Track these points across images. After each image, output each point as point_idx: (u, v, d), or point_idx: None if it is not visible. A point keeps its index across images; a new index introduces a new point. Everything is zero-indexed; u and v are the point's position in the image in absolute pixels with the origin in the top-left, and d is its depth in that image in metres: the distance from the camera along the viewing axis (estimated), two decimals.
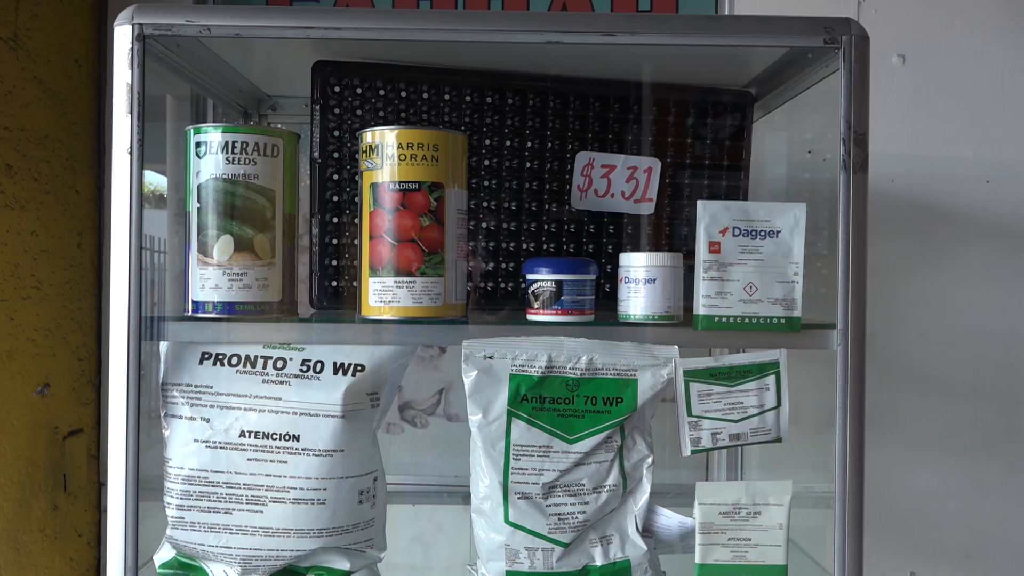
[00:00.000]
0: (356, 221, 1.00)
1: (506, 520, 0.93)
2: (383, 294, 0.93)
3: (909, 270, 1.47)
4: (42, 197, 1.38)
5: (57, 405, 1.39)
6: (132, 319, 0.89)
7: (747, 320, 0.94)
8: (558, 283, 0.95)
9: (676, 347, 0.95)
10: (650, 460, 0.96)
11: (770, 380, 0.94)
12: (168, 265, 1.31)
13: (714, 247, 0.94)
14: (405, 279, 0.92)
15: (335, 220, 1.11)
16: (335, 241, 1.11)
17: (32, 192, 1.35)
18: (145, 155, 0.90)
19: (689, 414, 0.94)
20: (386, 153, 0.92)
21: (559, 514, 0.93)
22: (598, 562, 0.95)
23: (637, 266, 0.95)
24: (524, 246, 1.16)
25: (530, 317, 0.97)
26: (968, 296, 1.46)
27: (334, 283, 1.11)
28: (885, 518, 1.46)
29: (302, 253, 1.01)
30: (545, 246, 1.16)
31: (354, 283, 1.09)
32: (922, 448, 1.46)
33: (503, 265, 1.16)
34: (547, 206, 1.17)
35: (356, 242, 1.00)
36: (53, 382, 1.39)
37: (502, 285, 1.15)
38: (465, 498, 1.03)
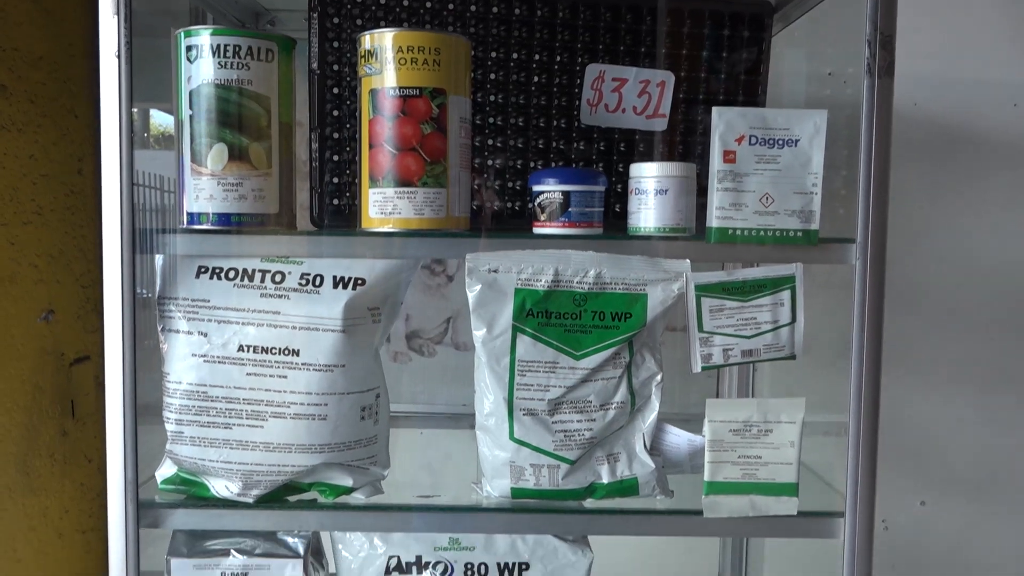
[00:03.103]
0: (357, 136, 0.96)
1: (511, 437, 0.91)
2: (383, 205, 0.89)
3: (929, 197, 1.42)
4: (40, 120, 1.34)
5: (62, 332, 1.38)
6: (125, 229, 0.87)
7: (762, 233, 0.90)
8: (565, 194, 0.91)
9: (687, 261, 0.91)
10: (659, 377, 0.94)
11: (785, 295, 0.91)
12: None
13: (729, 156, 0.89)
14: (406, 190, 0.89)
15: (335, 135, 1.07)
16: (336, 157, 1.08)
17: (29, 115, 1.32)
18: (152, 95, 0.87)
19: (700, 330, 0.91)
20: (385, 57, 0.88)
21: (565, 431, 0.91)
22: (605, 480, 0.93)
23: (648, 176, 0.91)
24: (531, 164, 1.12)
25: (536, 230, 0.93)
26: (990, 224, 1.41)
27: (335, 201, 1.08)
28: (895, 449, 1.43)
29: (302, 181, 0.98)
30: (553, 164, 1.12)
31: (356, 201, 1.06)
32: (936, 379, 1.43)
33: (509, 184, 1.12)
34: (555, 122, 1.12)
35: (357, 157, 0.97)
36: (57, 309, 1.38)
37: (508, 205, 1.12)
38: (474, 425, 1.01)
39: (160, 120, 1.48)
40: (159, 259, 0.92)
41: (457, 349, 1.48)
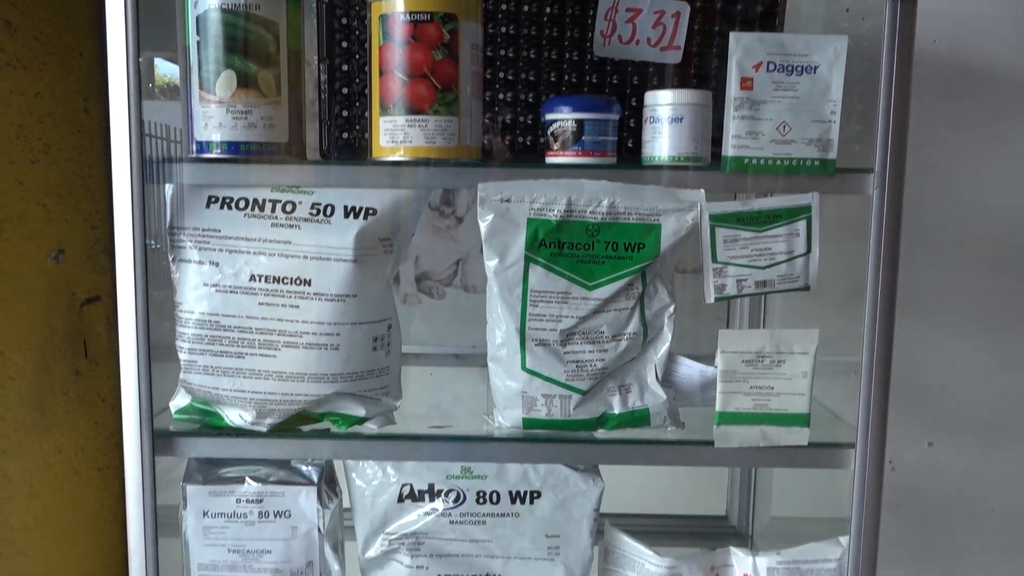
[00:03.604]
0: (367, 67, 0.95)
1: (523, 367, 0.91)
2: (394, 134, 0.88)
3: (946, 136, 1.39)
4: (45, 58, 1.33)
5: (73, 272, 1.38)
6: (134, 157, 0.86)
7: (779, 162, 0.88)
8: (579, 122, 0.90)
9: (702, 191, 0.90)
10: (672, 309, 0.93)
11: (800, 225, 0.90)
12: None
13: (746, 83, 0.87)
14: (417, 117, 0.87)
15: (344, 67, 1.05)
16: (345, 90, 1.06)
17: (34, 52, 1.30)
18: (157, 45, 0.85)
19: (714, 260, 0.90)
20: None
21: (577, 361, 0.91)
22: (616, 410, 0.94)
23: (663, 104, 0.90)
24: (543, 97, 1.10)
25: (549, 159, 0.92)
26: (1007, 165, 1.39)
27: (345, 134, 1.06)
28: (903, 389, 1.42)
29: (311, 121, 0.97)
30: None
31: (366, 135, 1.05)
32: (948, 320, 1.42)
33: (521, 118, 1.10)
34: (568, 55, 1.10)
35: (367, 90, 0.95)
36: (67, 249, 1.38)
37: (520, 139, 1.10)
38: (483, 369, 1.02)
39: (165, 71, 1.45)
40: (168, 189, 0.92)
41: (466, 291, 1.48)
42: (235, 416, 0.93)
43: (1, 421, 1.20)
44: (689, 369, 0.94)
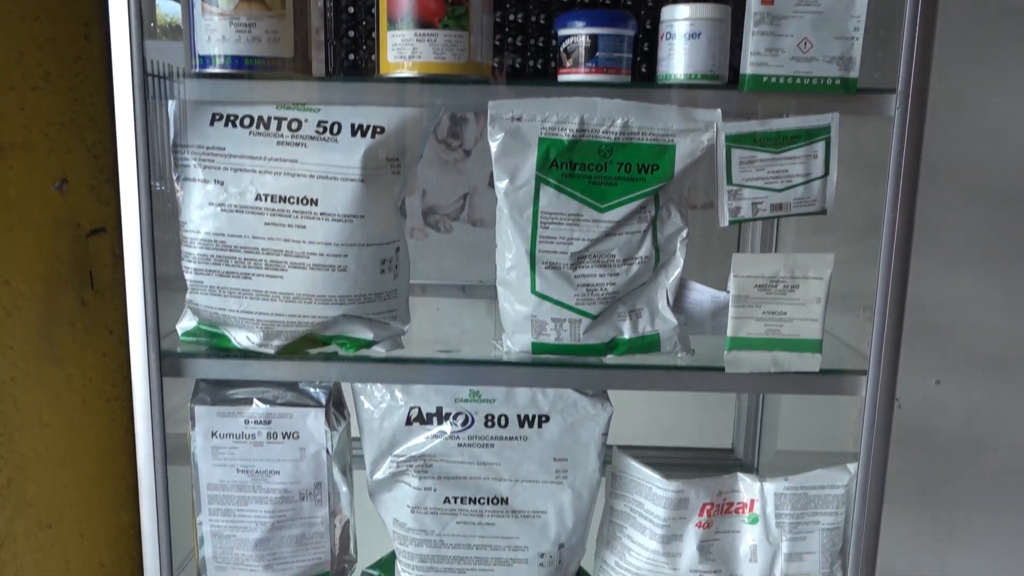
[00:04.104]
0: None
1: (533, 291, 0.90)
2: (402, 49, 0.86)
3: (968, 69, 1.35)
4: None
5: (77, 202, 1.36)
6: (136, 71, 0.84)
7: (799, 80, 0.86)
8: (593, 37, 0.87)
9: (719, 110, 0.87)
10: (684, 233, 0.92)
11: (819, 147, 0.87)
12: None
13: None
14: (426, 31, 0.85)
15: None
16: (351, 8, 1.03)
17: None
18: None
19: (729, 182, 0.88)
20: None
21: (587, 285, 0.90)
22: (626, 335, 0.93)
23: (679, 19, 0.87)
24: (555, 18, 1.06)
25: (561, 77, 0.89)
26: None
27: (351, 55, 1.04)
28: (912, 327, 1.42)
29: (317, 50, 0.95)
30: None
31: (373, 56, 1.02)
32: (959, 257, 1.40)
33: (531, 40, 1.07)
34: None
35: (374, 9, 0.92)
36: (71, 179, 1.36)
37: (531, 63, 1.07)
38: (490, 302, 1.00)
39: (167, 10, 1.41)
40: (171, 106, 0.89)
41: (473, 225, 1.46)
42: (242, 338, 0.92)
43: (9, 350, 1.19)
44: (700, 295, 0.93)
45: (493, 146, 0.88)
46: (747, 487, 0.96)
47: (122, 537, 1.45)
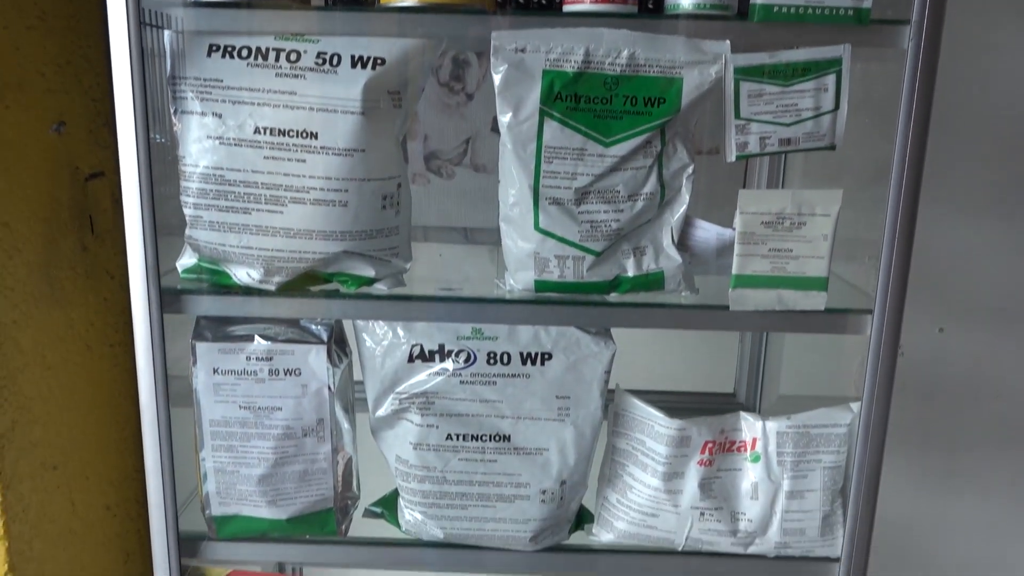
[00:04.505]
0: None
1: (536, 227, 0.89)
2: None
3: (980, 21, 1.32)
4: None
5: (75, 146, 1.35)
6: (131, 7, 0.82)
7: (810, 11, 0.83)
8: None
9: (727, 42, 0.85)
10: (691, 169, 0.90)
11: (830, 80, 0.86)
12: None
13: None
14: None
15: None
16: None
17: None
18: None
19: (737, 116, 0.86)
20: None
21: (592, 221, 0.89)
22: (630, 273, 0.92)
23: None
24: None
25: (567, 8, 0.87)
26: None
27: None
28: (917, 275, 1.41)
29: None
30: None
31: None
32: (966, 205, 1.39)
33: None
34: None
35: None
36: (68, 122, 1.34)
37: None
38: (493, 248, 0.99)
39: None
40: (167, 36, 0.87)
41: (476, 171, 1.44)
42: (243, 274, 0.92)
43: (10, 291, 1.19)
44: (706, 232, 0.92)
45: (496, 78, 0.86)
46: (749, 426, 0.96)
47: (127, 481, 1.47)
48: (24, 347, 1.23)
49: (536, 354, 0.93)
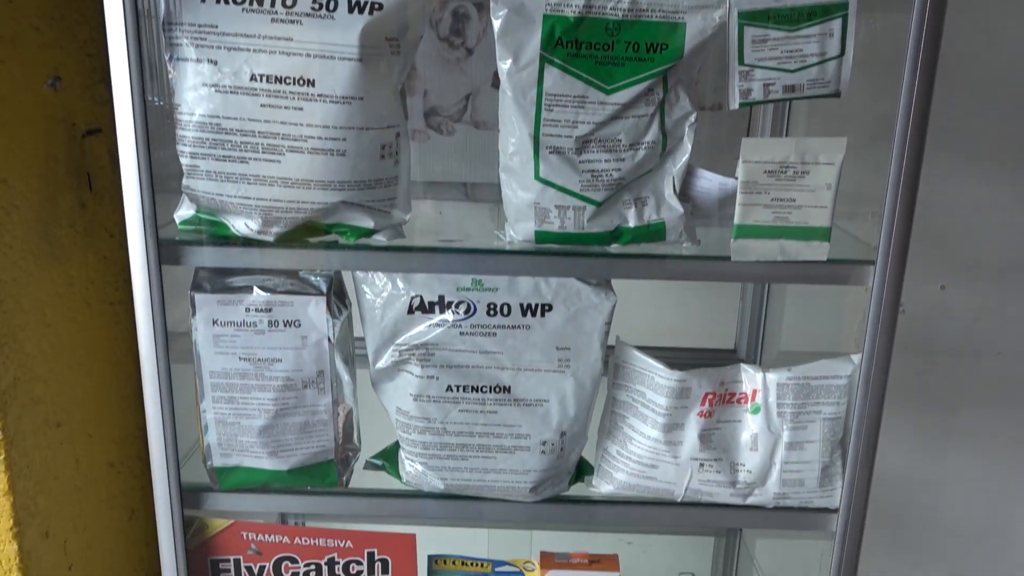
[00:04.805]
0: None
1: (536, 176, 0.88)
2: None
3: None
4: None
5: (71, 102, 1.33)
6: None
7: None
8: None
9: None
10: (693, 117, 0.89)
11: (836, 24, 0.84)
12: None
13: None
14: None
15: None
16: None
17: None
18: None
19: (741, 63, 0.85)
20: None
21: (592, 171, 0.88)
22: (631, 223, 0.91)
23: None
24: None
25: None
26: None
27: None
28: (920, 232, 1.41)
29: None
30: None
31: None
32: (971, 158, 1.37)
33: None
34: None
35: None
36: (64, 77, 1.32)
37: None
38: (494, 206, 0.98)
39: None
40: None
41: (476, 127, 1.43)
42: (241, 225, 0.91)
43: (9, 248, 1.18)
44: (708, 182, 0.91)
45: (496, 24, 0.85)
46: (749, 378, 0.96)
47: (130, 439, 1.47)
48: (24, 304, 1.23)
49: (536, 305, 0.92)
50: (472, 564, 1.04)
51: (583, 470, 1.03)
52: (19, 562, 1.24)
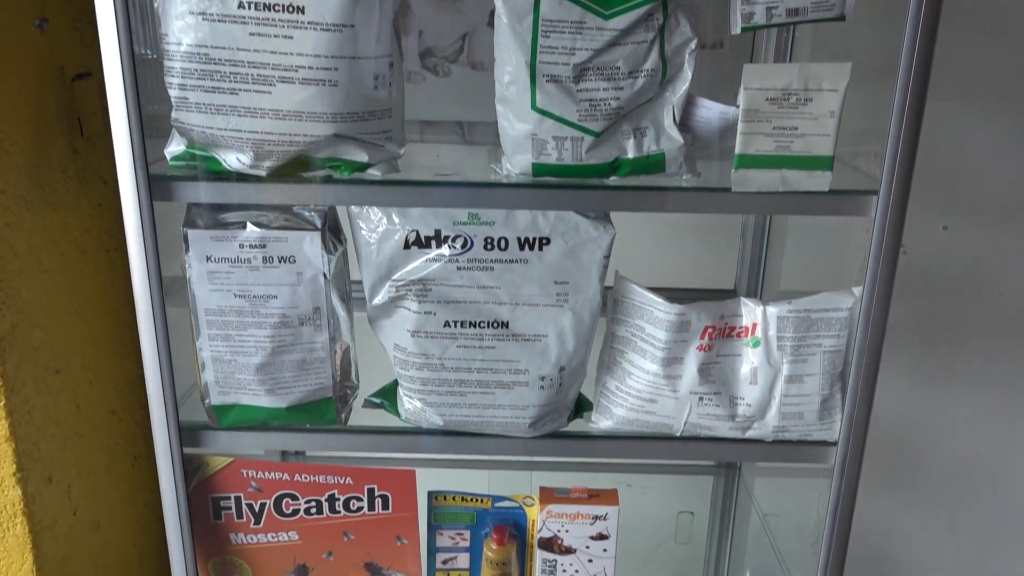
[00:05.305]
0: None
1: (533, 106, 0.86)
2: None
3: None
4: None
5: (60, 46, 1.30)
6: None
7: None
8: None
9: None
10: (693, 44, 0.87)
11: None
12: None
13: None
14: None
15: None
16: None
17: None
18: None
19: None
20: None
21: (591, 100, 0.86)
22: (630, 155, 0.89)
23: None
24: None
25: None
26: None
27: None
28: (923, 172, 1.39)
29: None
30: None
31: None
32: (976, 97, 1.35)
33: None
34: None
35: None
36: (51, 18, 1.30)
37: None
38: (492, 149, 0.96)
39: None
40: None
41: (473, 68, 1.40)
42: (233, 159, 0.89)
43: (1, 194, 1.17)
44: (708, 111, 0.89)
45: None
46: (749, 311, 0.95)
47: (130, 386, 1.48)
48: (19, 251, 1.22)
49: (534, 239, 0.91)
50: (472, 500, 1.04)
51: (582, 406, 1.03)
52: (24, 507, 1.26)
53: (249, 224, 0.92)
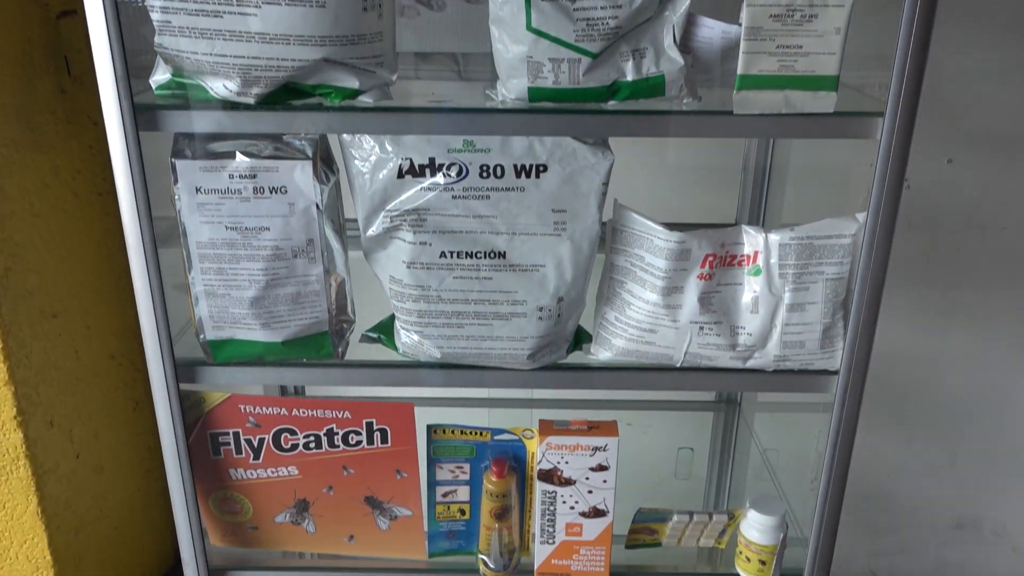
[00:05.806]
0: None
1: (528, 27, 0.84)
2: None
3: None
4: None
5: None
6: None
7: None
8: None
9: None
10: None
11: None
12: None
13: None
14: None
15: None
16: None
17: None
18: None
19: None
20: None
21: (588, 19, 0.83)
22: (629, 77, 0.87)
23: None
24: None
25: None
26: None
27: None
28: (928, 104, 1.36)
29: None
30: None
31: None
32: (978, 32, 1.31)
33: None
34: None
35: None
36: None
37: None
38: (489, 85, 0.94)
39: None
40: None
41: (468, 2, 1.36)
42: (219, 87, 0.87)
43: None
44: (710, 31, 0.86)
45: None
46: (751, 239, 0.94)
47: (128, 332, 1.47)
48: (10, 194, 1.20)
49: (530, 166, 0.89)
50: (471, 433, 1.04)
51: (581, 339, 1.02)
52: (26, 449, 1.26)
53: (238, 154, 0.90)
